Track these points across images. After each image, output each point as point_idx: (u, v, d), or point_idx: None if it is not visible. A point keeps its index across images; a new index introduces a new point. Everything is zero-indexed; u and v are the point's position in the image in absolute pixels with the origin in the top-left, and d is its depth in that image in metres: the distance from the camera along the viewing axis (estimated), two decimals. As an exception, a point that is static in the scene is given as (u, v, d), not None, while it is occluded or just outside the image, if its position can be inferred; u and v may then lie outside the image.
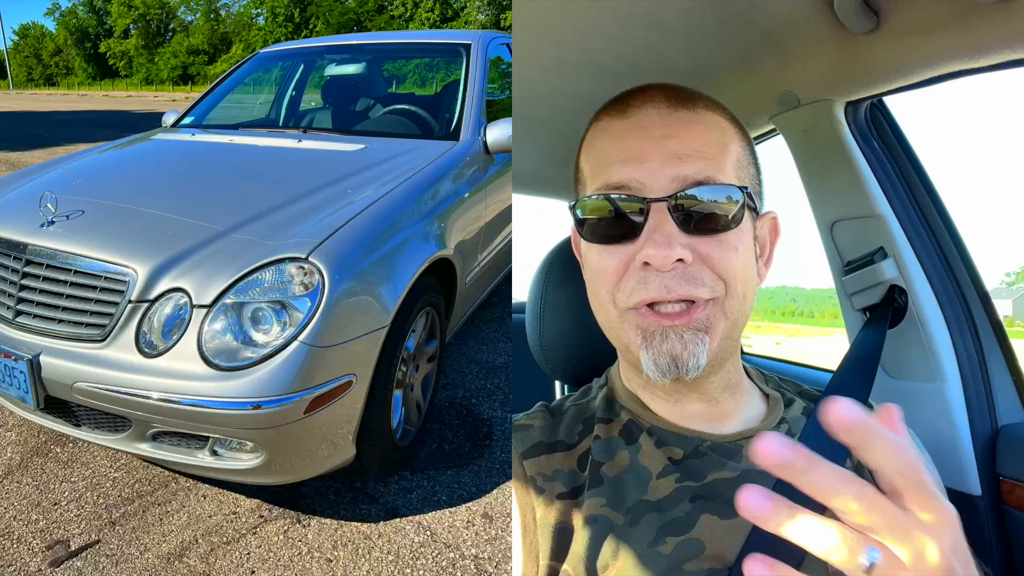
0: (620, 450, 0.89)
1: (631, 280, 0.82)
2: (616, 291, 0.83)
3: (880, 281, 1.35)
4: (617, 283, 0.83)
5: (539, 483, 0.87)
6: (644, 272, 0.81)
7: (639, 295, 0.81)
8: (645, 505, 0.84)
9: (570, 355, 1.16)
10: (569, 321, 1.15)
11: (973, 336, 1.33)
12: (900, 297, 1.32)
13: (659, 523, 0.82)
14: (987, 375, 1.32)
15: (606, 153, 0.85)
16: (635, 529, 0.82)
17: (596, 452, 0.89)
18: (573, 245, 0.99)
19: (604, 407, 0.95)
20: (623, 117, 0.87)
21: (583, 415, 0.95)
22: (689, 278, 0.80)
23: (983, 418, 1.30)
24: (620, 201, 0.82)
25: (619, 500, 0.85)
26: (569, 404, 0.98)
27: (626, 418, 0.93)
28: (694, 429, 0.90)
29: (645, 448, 0.89)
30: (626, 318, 0.83)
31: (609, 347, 1.05)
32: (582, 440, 0.92)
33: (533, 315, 1.19)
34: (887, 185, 1.34)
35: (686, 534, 0.81)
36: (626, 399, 0.95)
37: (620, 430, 0.91)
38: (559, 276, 1.18)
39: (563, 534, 0.84)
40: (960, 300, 1.34)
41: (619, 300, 0.83)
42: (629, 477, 0.86)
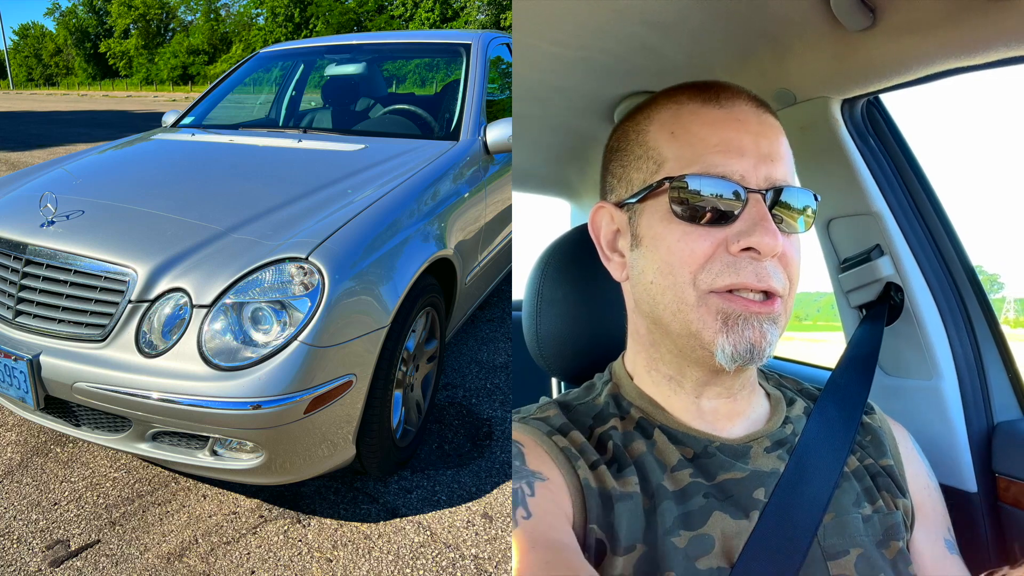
0: (636, 440, 0.90)
1: (718, 263, 0.83)
2: (699, 272, 0.83)
3: (876, 278, 1.35)
4: (703, 265, 0.83)
5: (573, 452, 0.87)
6: (736, 258, 0.83)
7: (728, 278, 0.82)
8: (665, 492, 0.85)
9: (566, 351, 1.16)
10: (565, 317, 1.16)
11: (969, 333, 1.33)
12: (896, 294, 1.32)
13: (676, 513, 0.83)
14: (983, 372, 1.32)
15: (704, 139, 0.86)
16: (655, 515, 0.83)
17: (616, 438, 0.90)
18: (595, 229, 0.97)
19: (612, 404, 0.95)
20: (718, 106, 0.88)
21: (591, 412, 0.95)
22: (775, 272, 0.84)
23: (979, 415, 1.31)
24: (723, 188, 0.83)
25: (646, 483, 0.85)
26: (575, 402, 0.98)
27: (637, 416, 0.93)
28: (703, 431, 0.91)
29: (659, 443, 0.89)
30: (706, 301, 0.84)
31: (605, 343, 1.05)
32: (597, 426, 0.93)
33: (529, 312, 1.19)
34: (883, 182, 1.35)
35: (698, 529, 0.82)
36: (635, 397, 0.95)
37: (633, 427, 0.92)
38: (555, 272, 1.18)
39: (605, 499, 0.84)
40: (956, 297, 1.34)
41: (701, 282, 0.83)
42: (649, 461, 0.87)
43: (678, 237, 0.85)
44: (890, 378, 1.41)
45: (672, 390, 0.93)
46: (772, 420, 0.95)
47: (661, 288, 0.87)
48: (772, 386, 1.02)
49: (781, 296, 0.84)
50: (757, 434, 0.92)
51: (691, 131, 0.87)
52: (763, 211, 0.83)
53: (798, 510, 0.84)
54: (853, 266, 1.39)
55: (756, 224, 0.82)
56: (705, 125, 0.87)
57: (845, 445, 0.92)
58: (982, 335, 1.34)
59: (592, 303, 1.13)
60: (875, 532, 0.88)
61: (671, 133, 0.89)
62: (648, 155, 0.90)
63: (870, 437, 1.00)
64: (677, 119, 0.89)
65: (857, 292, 1.40)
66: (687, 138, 0.87)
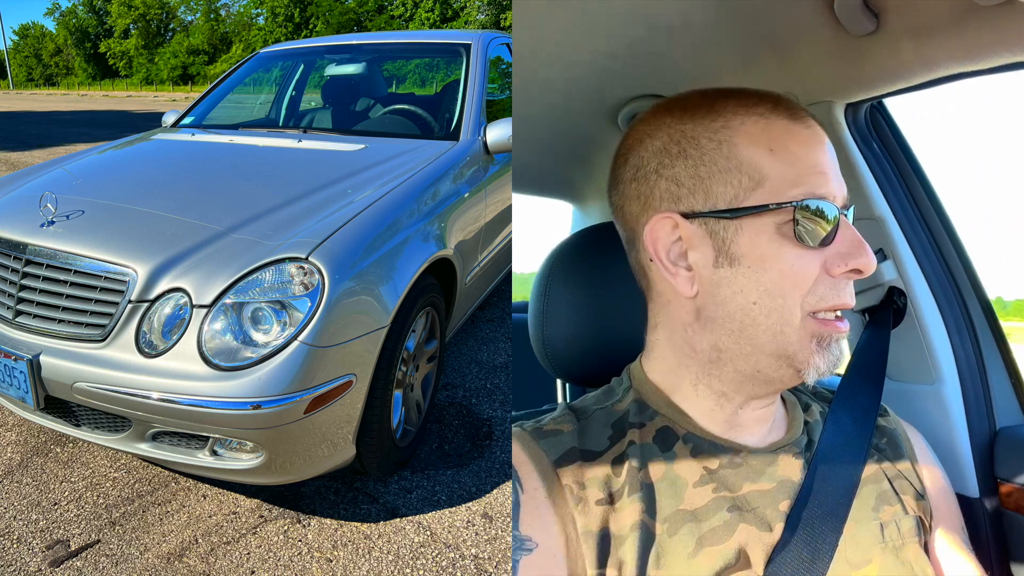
0: (655, 457, 0.88)
1: (822, 286, 0.85)
2: (807, 295, 0.84)
3: (879, 283, 1.35)
4: (810, 287, 0.84)
5: (576, 492, 0.85)
6: (836, 279, 0.85)
7: (834, 300, 0.85)
8: (683, 515, 0.84)
9: (573, 353, 1.16)
10: (573, 320, 1.15)
11: (972, 338, 1.33)
12: (899, 299, 1.32)
13: (697, 533, 0.82)
14: (985, 377, 1.32)
15: (802, 160, 0.86)
16: (673, 540, 0.82)
17: (632, 457, 0.88)
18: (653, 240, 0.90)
19: (636, 411, 0.93)
20: (805, 125, 0.88)
21: (611, 418, 0.93)
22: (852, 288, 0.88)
23: (981, 420, 1.30)
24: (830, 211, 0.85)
25: (657, 508, 0.84)
26: (594, 407, 0.95)
27: (661, 423, 0.91)
28: (730, 440, 0.90)
29: (680, 456, 0.88)
30: (806, 324, 0.85)
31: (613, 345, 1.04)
32: (614, 445, 0.90)
33: (536, 313, 1.18)
34: (887, 187, 1.35)
35: (724, 543, 0.82)
36: (659, 403, 0.93)
37: (654, 436, 0.90)
38: (563, 274, 1.17)
39: (606, 541, 0.83)
40: (959, 302, 1.34)
41: (807, 304, 0.84)
42: (664, 485, 0.86)
43: (792, 260, 0.84)
44: (892, 382, 1.41)
45: (717, 403, 0.91)
46: (793, 426, 0.95)
47: (766, 310, 0.85)
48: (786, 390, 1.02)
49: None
50: (782, 441, 0.92)
51: (789, 150, 0.86)
52: (855, 232, 0.86)
53: (820, 521, 0.84)
54: None
55: (857, 246, 0.85)
56: (801, 144, 0.86)
57: (861, 454, 0.93)
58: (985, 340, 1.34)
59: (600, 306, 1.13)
60: (894, 538, 0.88)
61: (770, 150, 0.86)
62: (741, 169, 0.86)
63: (886, 439, 1.00)
64: (771, 135, 0.86)
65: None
66: (787, 157, 0.85)
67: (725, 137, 0.87)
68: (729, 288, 0.86)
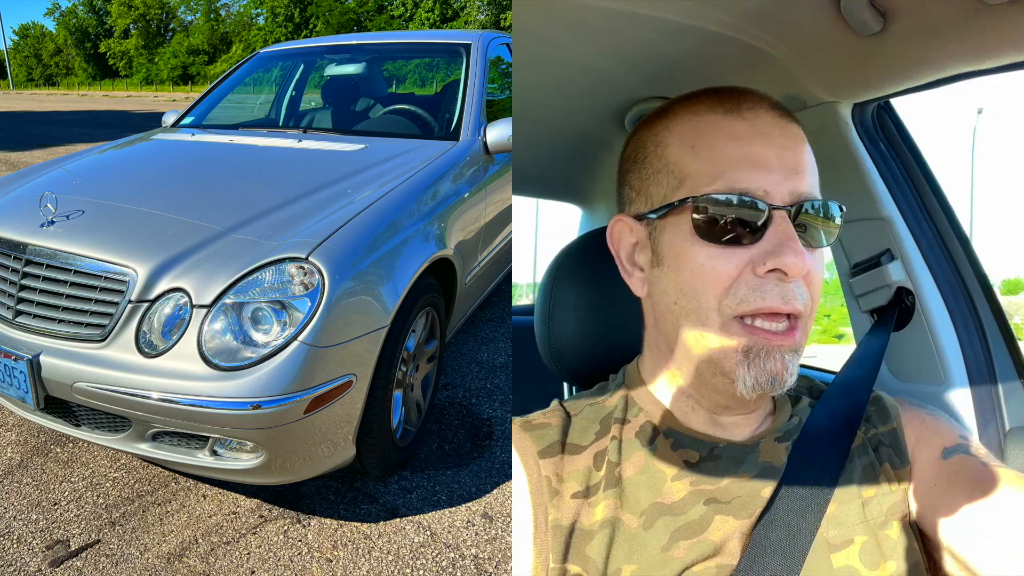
0: (636, 452, 0.88)
1: (744, 286, 0.79)
2: (724, 297, 0.80)
3: (887, 283, 1.34)
4: (728, 288, 0.80)
5: (553, 484, 0.87)
6: (761, 280, 0.79)
7: (754, 303, 0.79)
8: (660, 508, 0.84)
9: (579, 356, 1.15)
10: (579, 322, 1.14)
11: (980, 338, 1.32)
12: (907, 299, 1.31)
13: (673, 527, 0.82)
14: (994, 377, 1.31)
15: (726, 154, 0.82)
16: (649, 532, 0.82)
17: (612, 452, 0.88)
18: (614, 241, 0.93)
19: (622, 407, 0.94)
20: (739, 118, 0.84)
21: (600, 414, 0.94)
22: (799, 291, 0.80)
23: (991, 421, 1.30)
24: (748, 205, 0.80)
25: (634, 502, 0.84)
26: (585, 403, 0.97)
27: (643, 419, 0.92)
28: (710, 434, 0.90)
29: (661, 450, 0.88)
30: (729, 329, 0.80)
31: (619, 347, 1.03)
32: (598, 440, 0.91)
33: (542, 315, 1.17)
34: (894, 187, 1.34)
35: (699, 536, 0.81)
36: (644, 400, 0.94)
37: (637, 431, 0.91)
38: (569, 277, 1.16)
39: (575, 535, 0.83)
40: (967, 302, 1.33)
41: (726, 307, 0.80)
42: (643, 479, 0.86)
43: (702, 259, 0.81)
44: (901, 383, 1.40)
45: (690, 407, 0.91)
46: (779, 417, 0.94)
47: (684, 311, 0.84)
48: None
49: (803, 315, 0.81)
50: (763, 434, 0.91)
51: (713, 146, 0.83)
52: (789, 230, 0.79)
53: (800, 503, 0.83)
54: (864, 271, 1.39)
55: (782, 244, 0.78)
56: (727, 139, 0.83)
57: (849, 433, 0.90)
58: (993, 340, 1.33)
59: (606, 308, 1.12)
60: (877, 515, 0.86)
61: (692, 147, 0.85)
62: (668, 169, 0.87)
63: (875, 408, 0.97)
64: (697, 132, 0.85)
65: (868, 296, 1.40)
66: (709, 153, 0.83)
67: (662, 139, 0.89)
68: (658, 288, 0.88)
